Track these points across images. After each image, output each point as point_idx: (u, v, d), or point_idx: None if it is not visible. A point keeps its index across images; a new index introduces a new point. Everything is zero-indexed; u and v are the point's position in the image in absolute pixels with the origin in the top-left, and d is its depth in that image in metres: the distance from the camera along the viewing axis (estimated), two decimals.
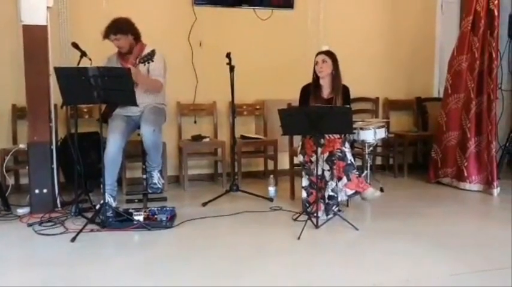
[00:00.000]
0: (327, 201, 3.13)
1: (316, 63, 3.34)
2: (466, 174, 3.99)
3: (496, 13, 3.86)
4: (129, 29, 3.40)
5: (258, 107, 4.42)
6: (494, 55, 3.87)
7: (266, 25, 4.39)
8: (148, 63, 3.27)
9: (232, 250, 2.71)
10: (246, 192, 3.70)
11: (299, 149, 3.35)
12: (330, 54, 3.34)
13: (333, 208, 3.13)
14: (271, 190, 3.73)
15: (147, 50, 3.41)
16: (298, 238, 2.80)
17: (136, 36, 3.45)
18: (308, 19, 4.53)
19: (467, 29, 4.03)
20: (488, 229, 3.06)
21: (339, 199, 3.16)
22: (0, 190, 3.42)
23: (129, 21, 3.43)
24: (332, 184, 3.12)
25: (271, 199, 3.65)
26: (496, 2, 3.86)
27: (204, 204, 3.53)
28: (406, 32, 4.79)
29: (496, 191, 3.83)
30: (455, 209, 3.55)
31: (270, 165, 4.34)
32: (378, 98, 4.64)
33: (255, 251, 2.69)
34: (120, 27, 3.36)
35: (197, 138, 4.12)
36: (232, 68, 3.57)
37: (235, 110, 3.75)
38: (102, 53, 3.51)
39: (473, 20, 3.99)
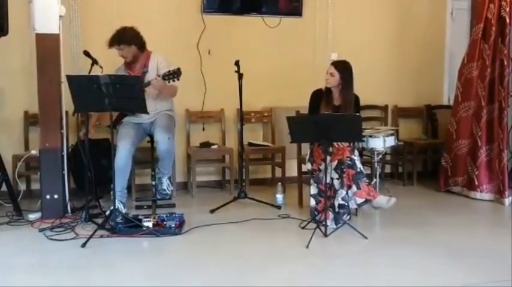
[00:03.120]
0: (337, 210, 3.12)
1: (326, 72, 3.35)
2: (476, 183, 3.94)
3: (507, 20, 3.83)
4: (132, 40, 3.40)
5: (266, 114, 4.43)
6: (506, 62, 3.84)
7: (275, 33, 4.41)
8: (173, 81, 3.25)
9: (241, 257, 2.71)
10: (253, 199, 3.71)
11: (307, 157, 3.34)
12: (340, 67, 3.30)
13: (344, 216, 3.12)
14: (279, 197, 3.72)
15: (153, 58, 3.44)
16: (307, 246, 2.79)
17: (141, 46, 3.46)
18: (316, 27, 4.54)
19: (478, 37, 4.00)
20: (499, 238, 3.01)
21: (350, 208, 3.14)
22: (12, 195, 3.47)
23: (134, 30, 3.43)
24: (342, 193, 3.11)
25: (279, 207, 3.64)
26: (507, 9, 3.83)
27: (212, 211, 3.54)
28: (415, 39, 4.78)
29: (507, 200, 3.78)
30: (466, 218, 3.51)
31: (278, 172, 4.34)
32: (387, 106, 4.62)
33: (263, 258, 2.69)
34: (123, 38, 3.38)
35: (205, 145, 4.14)
36: (240, 76, 3.59)
37: (243, 117, 3.77)
38: (113, 61, 3.55)
39: (484, 27, 3.96)
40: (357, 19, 4.63)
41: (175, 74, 3.23)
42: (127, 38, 3.39)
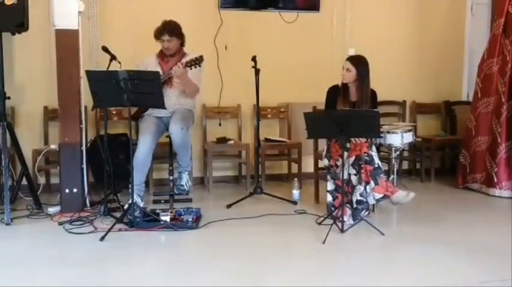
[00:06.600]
0: (355, 206, 3.11)
1: (342, 68, 3.32)
2: (495, 180, 3.88)
3: None
4: (181, 34, 3.48)
5: (282, 110, 4.42)
6: None
7: (292, 28, 4.38)
8: (195, 67, 3.30)
9: (257, 252, 2.72)
10: (270, 195, 3.71)
11: (324, 152, 3.33)
12: (356, 62, 3.26)
13: (362, 212, 3.10)
14: (295, 193, 3.72)
15: (186, 59, 3.43)
16: (323, 242, 2.78)
17: (183, 42, 3.52)
18: (334, 22, 4.51)
19: (498, 32, 3.93)
20: None
21: (368, 203, 3.12)
22: (32, 189, 3.53)
23: (180, 25, 3.49)
24: (360, 188, 3.09)
25: (295, 202, 3.64)
26: None
27: (229, 206, 3.56)
28: (434, 34, 4.70)
29: None
30: (485, 215, 3.46)
31: (294, 168, 4.33)
32: (405, 102, 4.57)
33: (280, 253, 2.70)
34: (175, 30, 3.43)
35: (222, 140, 4.15)
36: (257, 71, 3.58)
37: (259, 113, 3.76)
38: (131, 57, 3.58)
39: (505, 22, 3.89)
40: (375, 14, 4.57)
41: (197, 61, 3.26)
42: (177, 30, 3.45)
